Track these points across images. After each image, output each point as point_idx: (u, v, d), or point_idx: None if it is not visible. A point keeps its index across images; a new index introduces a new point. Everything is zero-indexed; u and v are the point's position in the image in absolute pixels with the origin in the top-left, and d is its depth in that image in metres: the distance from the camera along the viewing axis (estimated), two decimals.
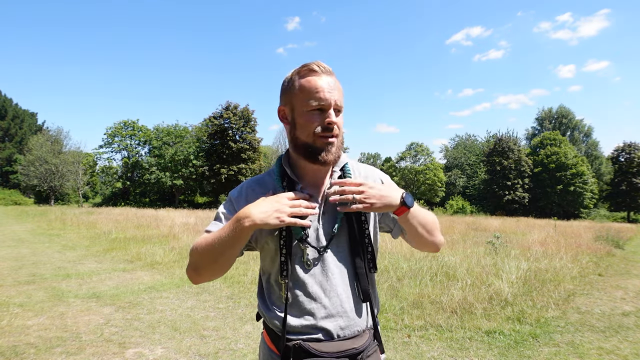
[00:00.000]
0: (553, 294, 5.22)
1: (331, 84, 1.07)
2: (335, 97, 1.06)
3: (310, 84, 1.06)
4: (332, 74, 1.09)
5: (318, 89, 1.05)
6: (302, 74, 1.08)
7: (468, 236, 12.01)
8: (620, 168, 40.03)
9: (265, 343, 1.15)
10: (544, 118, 55.87)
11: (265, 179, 1.19)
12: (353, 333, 1.08)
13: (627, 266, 8.11)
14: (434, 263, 6.59)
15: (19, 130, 45.68)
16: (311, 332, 1.06)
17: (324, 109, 1.06)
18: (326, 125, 1.06)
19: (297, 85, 1.08)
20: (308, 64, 1.08)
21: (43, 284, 5.59)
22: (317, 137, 1.07)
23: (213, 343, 3.59)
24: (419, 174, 41.39)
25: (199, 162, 37.29)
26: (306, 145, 1.08)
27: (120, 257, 7.94)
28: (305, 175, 1.15)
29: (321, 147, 1.07)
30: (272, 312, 1.11)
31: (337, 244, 1.11)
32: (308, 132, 1.07)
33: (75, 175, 35.97)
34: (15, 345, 3.39)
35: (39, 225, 14.60)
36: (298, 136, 1.09)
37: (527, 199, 40.85)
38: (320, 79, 1.06)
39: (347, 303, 1.09)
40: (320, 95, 1.05)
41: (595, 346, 3.65)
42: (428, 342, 3.67)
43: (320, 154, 1.07)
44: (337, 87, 1.08)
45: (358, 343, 1.07)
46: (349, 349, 1.05)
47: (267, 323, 1.14)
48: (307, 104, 1.05)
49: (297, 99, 1.08)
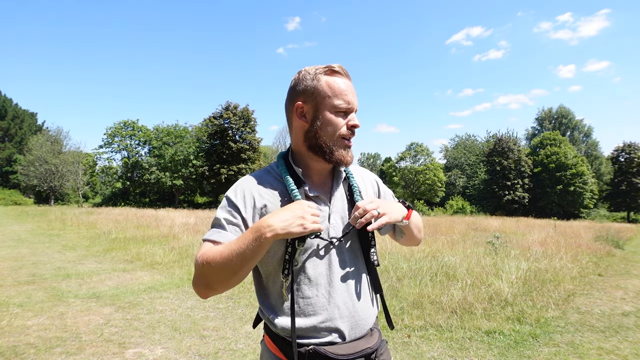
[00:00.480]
0: (553, 294, 5.22)
1: (353, 87, 1.10)
2: (357, 100, 1.10)
3: (338, 85, 1.06)
4: (350, 77, 1.11)
5: (346, 91, 1.06)
6: (327, 73, 1.07)
7: (468, 236, 12.01)
8: (620, 168, 40.02)
9: (271, 351, 1.09)
10: (543, 118, 55.89)
11: (264, 177, 1.14)
12: (363, 332, 1.07)
13: (627, 266, 8.11)
14: (434, 263, 6.58)
15: (19, 130, 45.66)
16: (323, 335, 1.02)
17: (348, 112, 1.08)
18: (351, 128, 1.08)
19: (324, 84, 1.06)
20: (331, 65, 1.08)
21: (43, 284, 5.59)
22: (339, 138, 1.08)
23: (213, 343, 3.59)
24: (419, 174, 41.38)
25: (199, 162, 37.29)
26: (327, 145, 1.07)
27: (120, 257, 7.94)
28: (313, 176, 1.14)
29: (342, 148, 1.09)
30: (278, 315, 1.06)
31: (347, 241, 1.11)
32: (333, 132, 1.07)
33: (75, 175, 35.97)
34: (15, 345, 3.38)
35: (38, 225, 14.60)
36: (320, 135, 1.07)
37: (527, 199, 40.84)
38: (344, 82, 1.08)
39: (357, 301, 1.08)
40: (348, 97, 1.06)
41: (595, 346, 3.65)
42: (428, 342, 3.67)
43: (340, 155, 1.08)
44: (355, 91, 1.12)
45: (371, 342, 1.06)
46: (364, 349, 1.04)
47: (271, 328, 1.09)
48: (335, 105, 1.06)
49: (322, 98, 1.06)
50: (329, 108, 1.06)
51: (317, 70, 1.08)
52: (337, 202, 1.13)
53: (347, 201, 1.15)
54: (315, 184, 1.14)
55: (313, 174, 1.14)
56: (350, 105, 1.07)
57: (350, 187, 1.17)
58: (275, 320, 1.05)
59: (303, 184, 1.10)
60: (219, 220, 1.07)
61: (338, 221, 1.11)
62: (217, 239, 1.03)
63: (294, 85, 1.11)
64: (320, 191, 1.13)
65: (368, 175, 1.29)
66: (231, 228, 1.05)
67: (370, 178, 1.28)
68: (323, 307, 1.04)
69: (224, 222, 1.06)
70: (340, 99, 1.05)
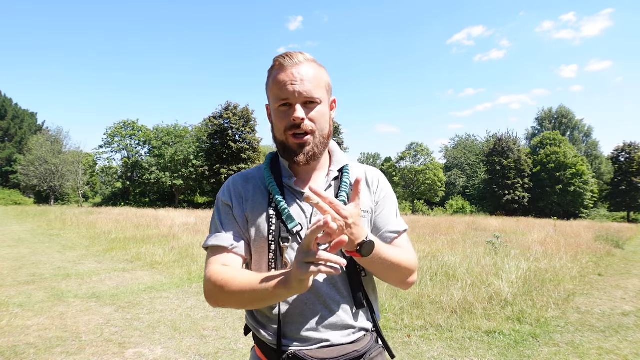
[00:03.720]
0: (553, 294, 5.22)
1: (300, 74, 0.97)
2: (303, 88, 0.96)
3: (276, 79, 0.99)
4: (302, 62, 0.99)
5: (282, 84, 0.97)
6: (274, 69, 1.02)
7: (468, 236, 12.01)
8: (620, 168, 40.03)
9: (258, 357, 1.07)
10: (544, 118, 55.91)
11: (252, 174, 1.11)
12: (353, 338, 1.02)
13: (627, 266, 8.11)
14: (434, 263, 6.58)
15: (19, 130, 45.67)
16: (308, 340, 0.98)
17: (291, 104, 0.98)
18: (292, 123, 0.98)
19: (270, 81, 1.02)
20: (278, 57, 1.01)
21: (43, 284, 5.59)
22: (288, 135, 0.99)
23: (213, 343, 3.59)
24: (419, 174, 41.38)
25: (199, 162, 37.30)
26: (282, 144, 1.02)
27: (120, 257, 7.94)
28: (298, 173, 1.08)
29: (292, 145, 1.00)
30: (262, 322, 1.03)
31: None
32: (280, 130, 1.01)
33: (75, 175, 35.98)
34: (15, 345, 3.38)
35: (39, 225, 14.60)
36: (275, 135, 1.04)
37: (527, 199, 40.85)
38: (285, 72, 0.98)
39: (343, 307, 1.02)
40: (284, 89, 0.97)
41: (595, 346, 3.65)
42: (428, 342, 3.67)
43: (293, 154, 1.00)
44: (309, 77, 0.98)
45: (359, 346, 1.02)
46: (350, 352, 0.99)
47: (257, 336, 1.05)
48: (276, 101, 1.00)
49: (270, 96, 1.03)
50: (273, 105, 1.02)
51: (270, 67, 1.03)
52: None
53: None
54: (302, 181, 1.07)
55: (299, 171, 1.08)
56: (288, 96, 0.96)
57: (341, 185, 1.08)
58: (260, 328, 1.04)
59: (291, 177, 1.06)
60: (215, 223, 1.06)
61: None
62: (217, 243, 1.01)
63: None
64: (306, 188, 1.06)
65: (372, 173, 1.16)
66: (227, 228, 1.03)
67: (372, 176, 1.15)
68: (308, 314, 0.99)
69: (219, 224, 1.05)
70: (278, 93, 0.98)
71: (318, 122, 1.00)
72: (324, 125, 1.02)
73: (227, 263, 1.00)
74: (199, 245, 8.84)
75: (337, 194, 1.06)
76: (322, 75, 1.03)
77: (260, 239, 1.01)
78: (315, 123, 1.00)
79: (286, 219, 1.00)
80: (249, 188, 1.07)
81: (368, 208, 1.09)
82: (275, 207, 1.02)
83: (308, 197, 0.81)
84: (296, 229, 1.00)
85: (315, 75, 1.00)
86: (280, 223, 1.00)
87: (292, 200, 1.04)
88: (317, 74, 1.00)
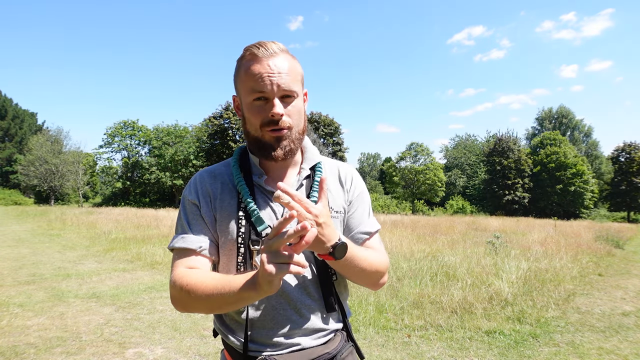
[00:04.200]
0: (553, 294, 5.22)
1: (277, 66, 0.92)
2: (281, 81, 0.91)
3: (250, 70, 0.92)
4: (278, 54, 0.94)
5: (257, 76, 0.91)
6: (245, 59, 0.94)
7: (468, 236, 12.01)
8: (620, 168, 40.03)
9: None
10: (544, 118, 55.93)
11: (220, 170, 1.05)
12: (324, 340, 1.00)
13: (627, 266, 8.11)
14: (434, 263, 6.59)
15: (19, 130, 45.69)
16: (278, 344, 0.95)
17: (268, 98, 0.92)
18: (270, 119, 0.92)
19: (241, 72, 0.95)
20: (250, 47, 0.94)
21: (43, 284, 5.59)
22: (264, 131, 0.94)
23: (213, 343, 3.59)
24: (419, 174, 41.37)
25: (199, 162, 37.32)
26: (256, 139, 0.96)
27: (120, 257, 7.94)
28: (269, 171, 1.02)
29: (269, 141, 0.94)
30: (230, 327, 1.00)
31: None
32: (254, 126, 0.95)
33: (75, 175, 35.98)
34: (15, 345, 3.38)
35: (39, 225, 14.60)
36: (247, 130, 0.98)
37: (527, 199, 40.85)
38: (261, 64, 0.91)
39: (314, 311, 0.99)
40: (260, 82, 0.91)
41: (595, 346, 3.65)
42: (428, 342, 3.67)
43: (270, 150, 0.95)
44: (286, 69, 0.93)
45: (330, 347, 1.00)
46: (322, 355, 0.97)
47: (226, 341, 1.01)
48: (249, 93, 0.93)
49: (241, 88, 0.96)
50: (246, 99, 0.95)
51: (240, 55, 0.96)
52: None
53: None
54: (273, 179, 1.02)
55: (270, 168, 1.02)
56: (265, 89, 0.91)
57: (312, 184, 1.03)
58: (228, 332, 1.00)
59: (261, 175, 1.01)
60: (182, 223, 1.00)
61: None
62: (183, 246, 0.96)
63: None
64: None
65: (345, 170, 1.11)
66: (195, 229, 0.98)
67: (345, 173, 1.10)
68: (275, 318, 0.96)
69: (186, 225, 0.99)
70: (252, 86, 0.92)
71: (294, 117, 0.96)
72: (300, 120, 0.98)
73: (195, 266, 0.95)
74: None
75: (309, 193, 1.01)
76: (297, 67, 0.98)
77: (229, 241, 0.97)
78: (292, 118, 0.95)
79: (255, 221, 0.95)
80: (216, 186, 1.02)
81: (341, 208, 1.04)
82: (245, 207, 0.96)
83: (278, 197, 0.76)
84: (266, 231, 0.95)
85: (291, 67, 0.95)
86: (250, 225, 0.96)
87: (262, 200, 0.99)
88: (292, 65, 0.95)
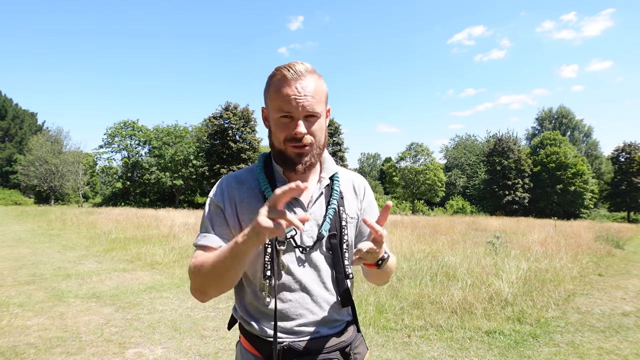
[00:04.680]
0: (553, 294, 5.22)
1: (304, 89, 1.01)
2: (306, 103, 1.01)
3: (280, 90, 1.02)
4: (305, 75, 1.02)
5: (285, 97, 1.01)
6: (275, 78, 1.04)
7: (468, 236, 12.02)
8: (620, 168, 40.04)
9: (246, 349, 1.11)
10: (544, 118, 55.94)
11: (245, 176, 1.14)
12: (339, 329, 1.11)
13: (627, 266, 8.11)
14: (434, 263, 6.59)
15: (19, 130, 45.67)
16: (301, 334, 1.06)
17: (294, 117, 1.02)
18: (293, 136, 1.02)
19: (271, 91, 1.05)
20: (281, 68, 1.03)
21: (43, 284, 5.59)
22: (287, 145, 1.04)
23: (213, 343, 3.59)
24: (419, 174, 41.36)
25: (199, 162, 37.30)
26: (280, 152, 1.06)
27: (120, 257, 7.94)
28: (291, 179, 1.11)
29: (291, 155, 1.05)
30: (255, 316, 1.09)
31: (320, 247, 1.10)
32: (279, 140, 1.05)
33: (75, 175, 35.95)
34: (15, 345, 3.39)
35: (39, 225, 14.60)
36: (272, 142, 1.09)
37: (527, 199, 40.85)
38: (289, 86, 1.01)
39: (332, 305, 1.10)
40: (288, 103, 1.00)
41: (595, 346, 3.65)
42: (428, 342, 3.67)
43: (291, 163, 1.05)
44: (312, 91, 1.02)
45: (345, 337, 1.11)
46: (338, 343, 1.09)
47: (246, 328, 1.11)
48: (277, 111, 1.03)
49: (270, 105, 1.06)
50: (273, 114, 1.05)
51: (270, 75, 1.06)
52: (316, 208, 1.11)
53: (325, 207, 1.12)
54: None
55: (292, 177, 1.11)
56: (291, 110, 1.01)
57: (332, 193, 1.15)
58: (252, 321, 1.08)
59: (284, 183, 1.09)
60: (205, 223, 1.09)
61: (313, 228, 1.09)
62: (205, 243, 1.05)
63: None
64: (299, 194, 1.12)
65: (358, 181, 1.24)
66: (217, 230, 1.07)
67: (358, 184, 1.23)
68: (299, 309, 1.07)
69: (209, 225, 1.08)
70: (280, 105, 1.01)
71: (316, 135, 1.06)
72: (321, 137, 1.08)
73: None
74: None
75: (329, 201, 1.13)
76: (322, 87, 1.07)
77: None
78: (314, 136, 1.05)
79: None
80: (243, 190, 1.11)
81: (355, 214, 1.18)
82: None
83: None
84: (290, 233, 1.06)
85: (317, 89, 1.04)
86: None
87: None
88: (317, 86, 1.04)
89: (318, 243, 1.09)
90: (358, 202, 1.20)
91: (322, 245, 1.10)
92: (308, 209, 1.10)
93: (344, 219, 1.12)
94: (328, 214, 1.09)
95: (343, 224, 1.11)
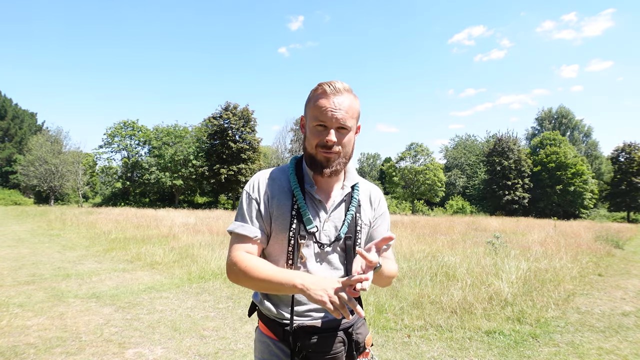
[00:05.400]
0: (553, 294, 5.22)
1: (340, 103, 1.16)
2: (339, 116, 1.16)
3: (318, 102, 1.18)
4: (342, 92, 1.18)
5: (322, 109, 1.16)
6: (317, 91, 1.20)
7: (468, 236, 12.02)
8: (620, 168, 40.03)
9: (262, 333, 1.27)
10: (543, 118, 55.94)
11: (277, 175, 1.28)
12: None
13: (627, 266, 8.11)
14: (434, 263, 6.59)
15: (19, 130, 45.65)
16: (310, 316, 1.22)
17: (327, 127, 1.17)
18: (324, 143, 1.18)
19: (312, 101, 1.20)
20: (323, 84, 1.19)
21: (43, 284, 5.59)
22: (318, 150, 1.19)
23: (213, 343, 3.59)
24: (419, 174, 41.35)
25: (198, 162, 37.30)
26: (310, 156, 1.22)
27: (120, 257, 7.94)
28: (318, 182, 1.27)
29: (321, 160, 1.20)
30: (274, 300, 1.24)
31: (335, 247, 1.26)
32: (311, 145, 1.20)
33: (75, 175, 35.94)
34: (15, 346, 3.38)
35: (38, 225, 14.60)
36: (305, 147, 1.24)
37: (527, 199, 40.85)
38: (327, 99, 1.17)
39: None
40: (324, 114, 1.16)
41: (595, 346, 3.65)
42: (428, 342, 3.68)
43: (320, 166, 1.20)
44: (346, 107, 1.17)
45: (350, 317, 1.22)
46: (344, 323, 1.24)
47: (263, 313, 1.27)
48: (314, 120, 1.18)
49: (309, 114, 1.21)
50: (310, 123, 1.20)
51: (313, 89, 1.22)
52: (336, 212, 1.26)
53: (344, 213, 1.27)
54: (320, 189, 1.27)
55: (319, 180, 1.27)
56: (326, 120, 1.16)
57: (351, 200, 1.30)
58: (272, 305, 1.24)
59: (312, 185, 1.24)
60: (243, 213, 1.24)
61: (331, 229, 1.25)
62: (242, 232, 1.21)
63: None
64: (324, 197, 1.27)
65: (375, 193, 1.38)
66: (253, 221, 1.22)
67: (375, 195, 1.38)
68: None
69: (247, 216, 1.23)
70: (317, 115, 1.17)
71: (345, 147, 1.22)
72: (348, 149, 1.23)
73: (250, 251, 1.21)
74: (199, 245, 8.85)
75: (348, 207, 1.29)
76: (355, 105, 1.22)
77: (282, 234, 1.22)
78: (343, 147, 1.21)
79: (306, 221, 1.21)
80: (275, 187, 1.26)
81: (368, 222, 1.33)
82: (297, 208, 1.22)
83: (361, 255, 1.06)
84: (312, 230, 1.22)
85: (350, 106, 1.19)
86: (300, 223, 1.21)
87: (310, 205, 1.24)
88: (351, 104, 1.20)
89: (335, 243, 1.24)
90: (372, 212, 1.35)
91: (337, 246, 1.25)
92: (329, 213, 1.25)
93: (359, 225, 1.28)
94: (347, 219, 1.25)
95: (358, 229, 1.27)
